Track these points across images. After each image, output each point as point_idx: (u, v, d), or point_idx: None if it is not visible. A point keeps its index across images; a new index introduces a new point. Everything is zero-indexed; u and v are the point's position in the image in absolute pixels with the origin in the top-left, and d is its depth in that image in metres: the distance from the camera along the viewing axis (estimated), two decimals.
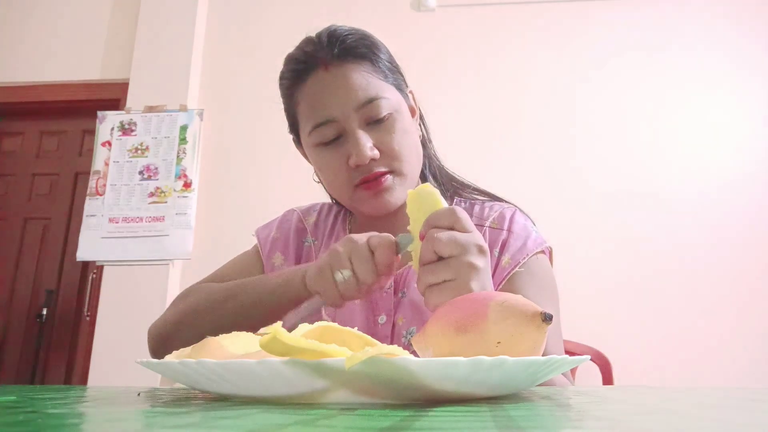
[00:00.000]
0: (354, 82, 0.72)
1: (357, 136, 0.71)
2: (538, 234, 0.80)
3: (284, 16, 2.85)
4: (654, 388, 0.48)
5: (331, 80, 0.72)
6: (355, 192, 0.74)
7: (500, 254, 0.77)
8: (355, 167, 0.72)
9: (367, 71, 0.73)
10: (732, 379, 2.20)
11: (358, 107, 0.72)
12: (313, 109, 0.74)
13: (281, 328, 0.32)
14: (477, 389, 0.33)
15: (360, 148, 0.70)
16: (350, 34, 0.75)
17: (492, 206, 0.83)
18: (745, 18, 2.64)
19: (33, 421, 0.25)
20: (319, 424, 0.23)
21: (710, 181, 2.47)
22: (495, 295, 0.40)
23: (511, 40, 2.72)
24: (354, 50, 0.74)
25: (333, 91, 0.72)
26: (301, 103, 0.76)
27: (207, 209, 2.60)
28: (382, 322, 0.75)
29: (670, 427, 0.23)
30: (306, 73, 0.75)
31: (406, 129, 0.75)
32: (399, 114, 0.74)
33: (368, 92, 0.72)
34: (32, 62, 2.93)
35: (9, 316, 2.73)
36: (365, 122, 0.72)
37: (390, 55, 0.79)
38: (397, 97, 0.76)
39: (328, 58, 0.73)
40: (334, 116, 0.72)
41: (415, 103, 0.83)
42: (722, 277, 2.35)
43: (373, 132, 0.72)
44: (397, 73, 0.79)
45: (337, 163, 0.73)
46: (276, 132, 2.82)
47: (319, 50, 0.74)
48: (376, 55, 0.75)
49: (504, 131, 2.61)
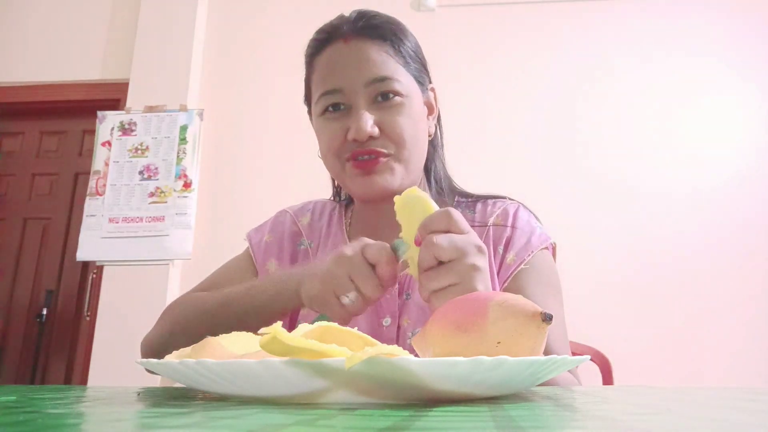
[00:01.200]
0: (369, 58, 0.72)
1: (360, 111, 0.71)
2: (542, 230, 0.79)
3: (284, 16, 2.85)
4: (654, 388, 0.48)
5: (347, 52, 0.73)
6: (346, 166, 0.73)
7: (505, 251, 0.77)
8: (353, 141, 0.71)
9: (386, 52, 0.73)
10: (732, 379, 2.20)
11: (367, 83, 0.71)
12: (324, 77, 0.74)
13: (281, 328, 0.32)
14: (477, 389, 0.33)
15: (360, 123, 0.70)
16: (378, 16, 0.76)
17: (495, 203, 0.82)
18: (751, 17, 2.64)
19: (33, 421, 0.25)
20: (319, 424, 0.23)
21: (711, 181, 2.47)
22: (495, 295, 0.40)
23: (510, 40, 2.72)
24: (377, 29, 0.74)
25: (347, 63, 0.72)
26: (316, 71, 0.76)
27: (207, 209, 2.60)
28: (386, 324, 0.75)
29: (670, 427, 0.23)
30: (327, 42, 0.75)
31: (414, 118, 0.74)
32: (409, 100, 0.74)
33: (381, 70, 0.72)
34: (32, 62, 2.93)
35: (9, 316, 2.73)
36: (372, 100, 0.72)
37: (417, 47, 0.79)
38: (411, 85, 0.75)
39: (349, 32, 0.74)
40: (343, 87, 0.72)
41: (435, 103, 0.82)
42: (722, 277, 2.35)
43: (379, 111, 0.72)
44: (419, 64, 0.78)
45: (335, 134, 0.73)
46: (276, 132, 2.83)
47: (344, 24, 0.75)
48: (400, 40, 0.75)
49: (504, 131, 2.61)
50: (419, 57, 0.79)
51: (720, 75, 2.59)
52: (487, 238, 0.79)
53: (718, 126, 2.54)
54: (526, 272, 0.75)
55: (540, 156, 2.56)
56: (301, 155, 2.12)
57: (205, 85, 2.80)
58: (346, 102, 0.72)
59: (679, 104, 2.59)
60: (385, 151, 0.72)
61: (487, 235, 0.79)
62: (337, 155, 0.73)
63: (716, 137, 2.53)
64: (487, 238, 0.79)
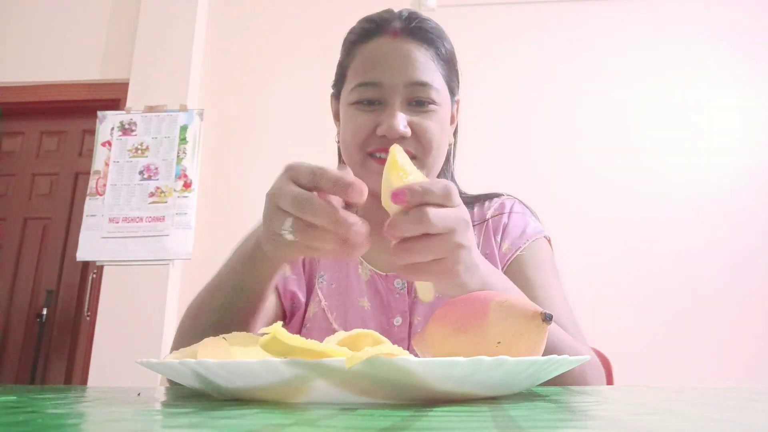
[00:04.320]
0: (414, 59, 0.72)
1: (395, 109, 0.70)
2: (537, 223, 0.81)
3: (284, 17, 2.85)
4: (654, 388, 0.48)
5: (394, 48, 0.72)
6: (366, 160, 0.72)
7: (501, 241, 0.78)
8: (382, 137, 0.70)
9: (430, 57, 0.73)
10: (732, 379, 2.20)
11: (408, 84, 0.71)
12: (365, 67, 0.73)
13: (281, 328, 0.32)
14: (477, 389, 0.33)
15: (394, 120, 0.69)
16: (429, 21, 0.76)
17: (491, 199, 0.84)
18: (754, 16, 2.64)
19: (33, 421, 0.25)
20: (319, 424, 0.23)
21: (711, 182, 2.47)
22: (495, 295, 0.40)
23: (511, 40, 2.72)
24: (427, 33, 0.74)
25: (392, 59, 0.72)
26: (357, 58, 0.75)
27: (207, 209, 2.60)
28: (397, 324, 0.74)
29: (670, 427, 0.23)
30: (374, 33, 0.74)
31: (443, 126, 0.74)
32: (442, 109, 0.74)
33: (424, 75, 0.72)
34: (32, 62, 2.93)
35: (9, 316, 2.73)
36: (408, 101, 0.72)
37: (454, 56, 0.79)
38: (445, 94, 0.75)
39: (400, 29, 0.73)
40: (383, 81, 0.71)
41: (456, 114, 0.83)
42: (722, 277, 2.35)
43: (412, 113, 0.72)
44: (454, 74, 0.78)
45: (365, 126, 0.71)
46: (276, 131, 2.83)
47: (395, 19, 0.74)
48: (444, 48, 0.75)
49: (504, 131, 2.61)
50: (455, 68, 0.79)
51: (726, 77, 2.59)
52: (487, 232, 0.80)
53: (724, 131, 2.54)
54: (522, 258, 0.76)
55: (540, 155, 2.56)
56: (302, 155, 2.12)
57: (205, 85, 2.80)
58: (381, 97, 0.71)
59: (683, 106, 2.59)
60: (412, 152, 0.71)
61: (486, 228, 0.81)
62: (361, 147, 0.72)
63: (720, 141, 2.53)
64: (487, 231, 0.80)
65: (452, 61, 0.77)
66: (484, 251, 0.78)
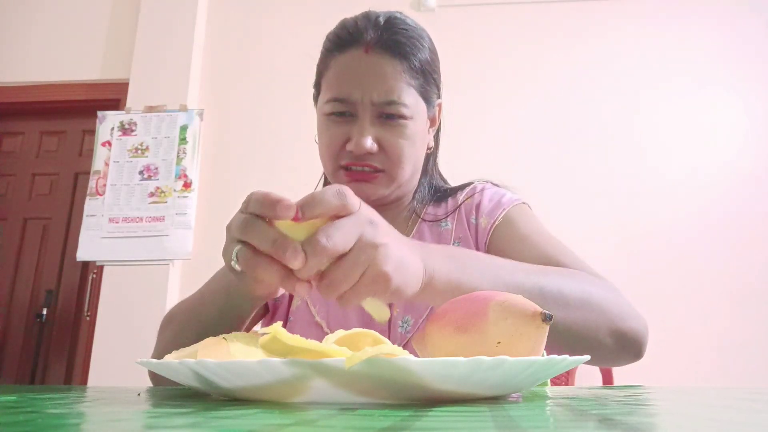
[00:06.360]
0: (383, 77, 0.72)
1: (362, 126, 0.72)
2: (513, 194, 0.82)
3: (284, 16, 2.85)
4: (654, 388, 0.48)
5: (365, 64, 0.73)
6: (338, 171, 0.75)
7: (477, 219, 0.79)
8: (350, 151, 0.73)
9: (402, 70, 0.73)
10: (731, 379, 2.20)
11: (376, 102, 0.72)
12: (337, 82, 0.74)
13: (281, 328, 0.32)
14: (477, 389, 0.33)
15: (361, 139, 0.71)
16: (405, 31, 0.75)
17: (464, 189, 0.85)
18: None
19: (33, 421, 0.25)
20: (319, 424, 0.23)
21: (710, 180, 2.47)
22: (495, 295, 0.40)
23: (511, 40, 2.72)
24: (400, 46, 0.73)
25: (362, 75, 0.72)
26: (331, 70, 0.76)
27: (207, 209, 2.60)
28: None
29: (670, 427, 0.23)
30: (348, 45, 0.74)
31: (414, 138, 0.75)
32: (413, 122, 0.74)
33: (391, 92, 0.72)
34: (32, 62, 2.93)
35: (9, 316, 2.73)
36: (377, 115, 0.73)
37: (435, 62, 0.78)
38: (418, 106, 0.75)
39: (372, 42, 0.73)
40: (353, 98, 0.72)
41: (438, 116, 0.83)
42: (722, 277, 2.35)
43: (381, 127, 0.73)
44: (431, 80, 0.78)
45: (336, 138, 0.74)
46: (276, 131, 2.83)
47: (369, 30, 0.74)
48: (417, 58, 0.74)
49: (504, 131, 2.61)
50: (434, 74, 0.78)
51: (726, 75, 2.60)
52: (459, 217, 0.81)
53: (722, 126, 2.54)
54: (503, 226, 0.77)
55: (539, 154, 2.56)
56: (301, 155, 2.12)
57: (205, 85, 2.80)
58: (353, 111, 0.73)
59: (683, 105, 2.59)
60: (379, 167, 0.73)
61: (459, 214, 0.81)
62: (333, 159, 0.75)
63: (719, 138, 2.53)
64: (459, 217, 0.81)
65: (429, 69, 0.77)
66: (457, 236, 0.80)
